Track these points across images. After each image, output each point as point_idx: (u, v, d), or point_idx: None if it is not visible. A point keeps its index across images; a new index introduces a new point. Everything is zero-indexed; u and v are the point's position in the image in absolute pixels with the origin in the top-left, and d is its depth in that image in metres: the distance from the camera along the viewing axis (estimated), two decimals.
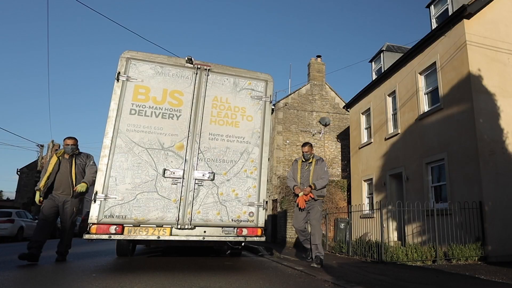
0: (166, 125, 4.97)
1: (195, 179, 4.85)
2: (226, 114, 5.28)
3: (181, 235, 4.62)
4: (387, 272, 5.14)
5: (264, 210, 5.10)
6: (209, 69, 5.34)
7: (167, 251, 7.51)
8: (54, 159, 5.48)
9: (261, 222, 5.03)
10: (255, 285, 3.59)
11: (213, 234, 4.77)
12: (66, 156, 5.53)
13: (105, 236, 4.38)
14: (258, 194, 5.12)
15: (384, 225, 7.64)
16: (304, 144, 5.93)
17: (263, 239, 5.03)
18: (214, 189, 4.90)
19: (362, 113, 13.86)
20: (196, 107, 5.16)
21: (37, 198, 5.40)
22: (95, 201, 4.47)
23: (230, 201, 4.96)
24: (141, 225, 4.49)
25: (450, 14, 9.46)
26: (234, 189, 5.02)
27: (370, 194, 12.73)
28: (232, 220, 4.92)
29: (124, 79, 4.95)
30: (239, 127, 5.26)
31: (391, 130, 11.66)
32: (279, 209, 14.32)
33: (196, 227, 4.71)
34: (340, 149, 17.41)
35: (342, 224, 10.32)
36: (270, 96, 5.55)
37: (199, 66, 5.29)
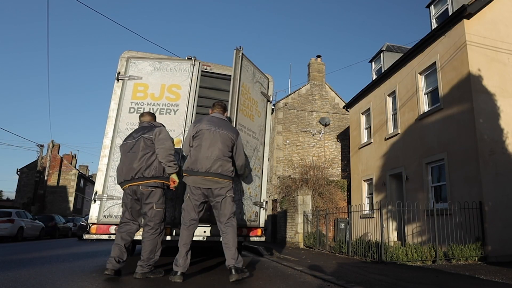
0: (163, 121, 4.78)
1: None
2: None
3: None
4: (387, 272, 5.14)
5: (264, 210, 5.10)
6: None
7: (167, 251, 7.50)
8: None
9: (261, 222, 5.03)
10: (255, 285, 3.59)
11: (213, 234, 4.76)
12: None
13: (105, 236, 4.38)
14: (260, 194, 5.11)
15: (384, 225, 7.63)
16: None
17: (263, 239, 5.02)
18: None
19: (362, 113, 13.86)
20: (194, 100, 5.00)
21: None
22: (94, 201, 4.46)
23: None
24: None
25: (450, 14, 9.46)
26: None
27: (370, 194, 12.73)
28: None
29: (124, 79, 4.94)
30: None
31: (391, 130, 11.66)
32: (279, 209, 14.33)
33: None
34: (340, 149, 17.41)
35: (342, 224, 10.32)
36: (270, 96, 5.55)
37: (196, 58, 5.17)
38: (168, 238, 4.59)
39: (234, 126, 4.50)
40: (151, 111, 4.83)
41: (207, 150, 3.73)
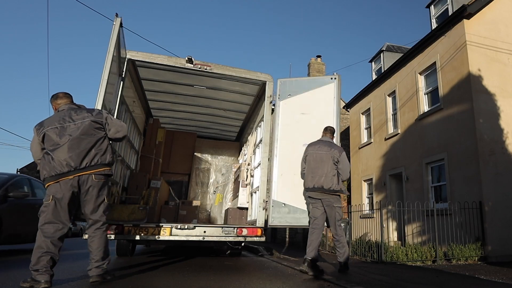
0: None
1: None
2: None
3: (181, 235, 4.62)
4: (387, 272, 5.14)
5: (264, 210, 5.09)
6: None
7: (167, 251, 7.50)
8: None
9: (261, 222, 5.03)
10: (255, 285, 3.59)
11: (213, 234, 4.76)
12: None
13: None
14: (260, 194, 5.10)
15: (384, 225, 7.63)
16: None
17: (263, 239, 5.02)
18: None
19: (362, 113, 13.86)
20: (109, 65, 4.22)
21: None
22: None
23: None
24: (140, 225, 4.49)
25: (450, 14, 9.46)
26: None
27: (370, 194, 12.73)
28: None
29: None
30: None
31: (391, 130, 11.66)
32: None
33: (196, 227, 4.70)
34: None
35: (342, 224, 10.30)
36: (271, 96, 5.54)
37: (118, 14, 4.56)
38: (168, 238, 4.59)
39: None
40: None
41: (311, 170, 4.60)
